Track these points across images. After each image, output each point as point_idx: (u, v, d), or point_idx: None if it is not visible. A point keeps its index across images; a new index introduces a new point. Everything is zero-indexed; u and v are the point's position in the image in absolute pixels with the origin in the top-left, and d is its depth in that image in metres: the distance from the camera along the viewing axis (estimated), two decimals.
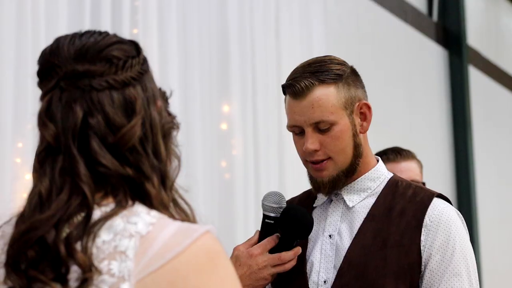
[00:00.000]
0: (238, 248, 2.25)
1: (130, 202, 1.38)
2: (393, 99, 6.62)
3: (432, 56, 7.49)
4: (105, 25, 3.50)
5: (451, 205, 2.25)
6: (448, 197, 2.30)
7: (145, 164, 1.41)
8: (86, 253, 1.32)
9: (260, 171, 4.44)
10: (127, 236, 1.34)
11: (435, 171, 7.05)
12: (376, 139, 5.64)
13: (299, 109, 2.24)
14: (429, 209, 2.20)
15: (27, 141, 3.14)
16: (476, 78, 8.18)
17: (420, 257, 2.16)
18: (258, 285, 2.22)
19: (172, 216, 1.39)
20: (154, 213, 1.38)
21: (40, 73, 1.45)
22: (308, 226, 2.25)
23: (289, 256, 2.22)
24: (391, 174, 2.34)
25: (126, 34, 3.54)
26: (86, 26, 3.43)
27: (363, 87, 2.32)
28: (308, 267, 2.27)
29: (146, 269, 1.31)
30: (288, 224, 2.25)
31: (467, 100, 7.66)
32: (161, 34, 3.85)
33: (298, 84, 2.23)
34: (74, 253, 1.32)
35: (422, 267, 2.16)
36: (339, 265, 2.21)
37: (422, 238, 2.17)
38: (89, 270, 1.31)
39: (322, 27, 5.04)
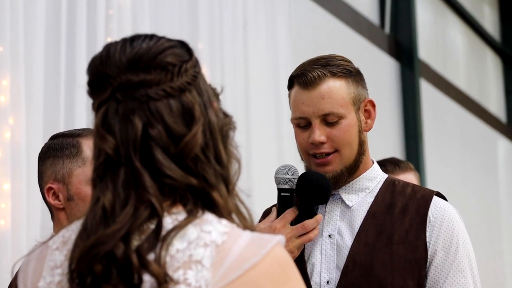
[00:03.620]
0: (258, 226, 2.17)
1: (200, 211, 1.35)
2: None
3: (385, 68, 7.57)
4: (80, 33, 3.49)
5: (448, 203, 2.26)
6: None
7: (209, 172, 1.37)
8: (160, 263, 1.28)
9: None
10: (202, 245, 1.31)
11: None
12: None
13: (309, 100, 2.20)
14: (431, 206, 2.21)
15: (5, 150, 3.09)
16: (426, 90, 8.28)
17: (426, 253, 2.17)
18: None
19: (238, 225, 1.37)
20: (224, 221, 1.35)
21: (91, 84, 1.40)
22: (326, 188, 2.20)
23: (312, 223, 2.17)
24: (386, 175, 2.34)
25: (100, 42, 3.53)
26: (62, 34, 3.43)
27: (367, 89, 2.31)
28: (308, 269, 2.22)
29: (224, 279, 1.29)
30: (306, 190, 2.19)
31: (418, 113, 7.74)
32: None
33: (309, 73, 2.20)
34: (148, 264, 1.28)
35: (428, 263, 2.17)
36: (342, 264, 2.18)
37: (427, 234, 2.18)
38: (164, 281, 1.28)
39: (287, 37, 5.11)
